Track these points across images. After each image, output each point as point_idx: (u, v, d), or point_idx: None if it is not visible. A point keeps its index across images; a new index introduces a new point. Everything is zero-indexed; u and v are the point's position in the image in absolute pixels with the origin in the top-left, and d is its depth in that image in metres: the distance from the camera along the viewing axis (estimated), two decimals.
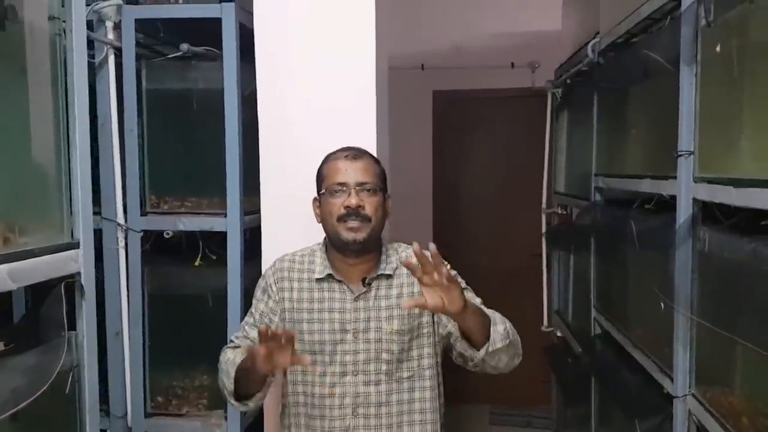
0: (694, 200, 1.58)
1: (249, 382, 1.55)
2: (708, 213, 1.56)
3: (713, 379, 1.57)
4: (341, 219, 1.61)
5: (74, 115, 1.58)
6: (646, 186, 1.87)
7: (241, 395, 1.60)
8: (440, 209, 4.51)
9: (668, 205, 1.74)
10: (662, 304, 1.73)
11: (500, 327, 1.54)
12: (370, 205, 1.62)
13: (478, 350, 1.53)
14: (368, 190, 1.63)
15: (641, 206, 2.01)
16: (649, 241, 1.84)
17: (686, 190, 1.60)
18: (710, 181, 1.51)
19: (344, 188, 1.62)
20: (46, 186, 1.57)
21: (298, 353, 1.50)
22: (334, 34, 2.00)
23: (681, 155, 1.62)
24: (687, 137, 1.61)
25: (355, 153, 1.67)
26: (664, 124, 1.73)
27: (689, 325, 1.61)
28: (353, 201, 1.60)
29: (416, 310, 1.66)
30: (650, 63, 1.86)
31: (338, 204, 1.62)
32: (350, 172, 1.63)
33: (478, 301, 1.70)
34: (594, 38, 2.40)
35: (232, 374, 1.59)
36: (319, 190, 1.69)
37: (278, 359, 1.44)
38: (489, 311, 1.61)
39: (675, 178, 1.65)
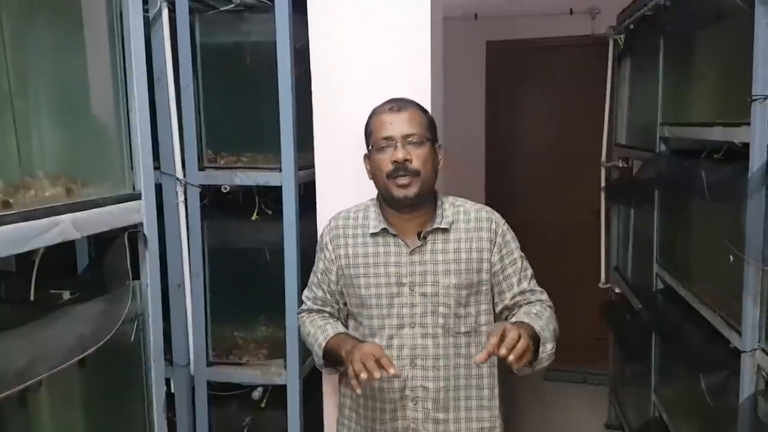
0: None
1: (339, 361, 1.63)
2: None
3: None
4: (390, 176, 1.60)
5: (132, 69, 1.59)
6: (717, 134, 1.79)
7: (330, 364, 1.72)
8: (493, 164, 4.44)
9: (738, 154, 1.65)
10: (731, 257, 1.66)
11: (549, 346, 1.54)
12: (417, 157, 1.60)
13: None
14: (415, 143, 1.60)
15: (709, 156, 1.92)
16: (719, 191, 1.76)
17: (761, 136, 1.52)
18: None
19: (390, 142, 1.60)
20: (106, 139, 1.60)
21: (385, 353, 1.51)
22: None
23: (756, 100, 1.53)
24: (762, 80, 1.52)
25: (400, 104, 1.64)
26: (737, 67, 1.64)
27: (760, 277, 1.55)
28: (400, 155, 1.58)
29: (474, 267, 1.66)
30: (722, 2, 1.76)
31: (386, 159, 1.60)
32: (395, 125, 1.61)
33: (529, 273, 1.71)
34: None
35: (321, 353, 1.69)
36: (367, 146, 1.68)
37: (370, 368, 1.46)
38: (538, 310, 1.62)
39: (748, 124, 1.56)
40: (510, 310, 1.69)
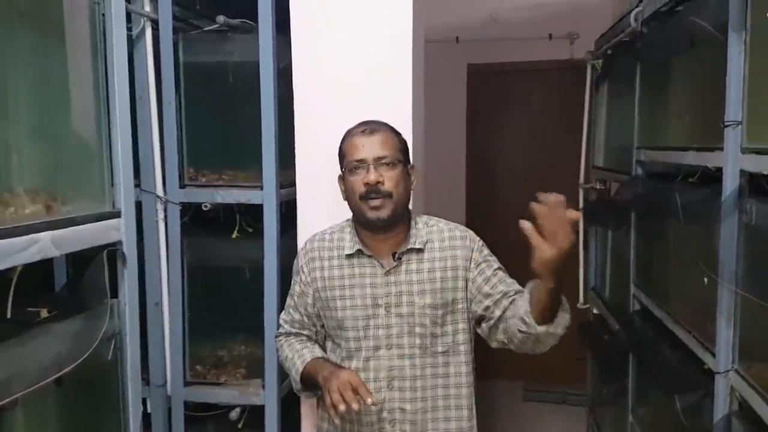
0: (741, 171, 1.54)
1: (317, 386, 1.63)
2: (755, 184, 1.52)
3: (757, 355, 1.54)
4: (363, 197, 1.61)
5: (114, 87, 1.59)
6: (691, 158, 1.82)
7: (308, 389, 1.71)
8: (474, 184, 4.47)
9: (712, 178, 1.69)
10: (706, 279, 1.69)
11: (568, 316, 1.49)
12: (389, 179, 1.61)
13: (539, 325, 1.47)
14: (387, 164, 1.62)
15: (684, 179, 1.96)
16: (693, 214, 1.79)
17: (733, 161, 1.56)
18: (759, 152, 1.46)
19: (362, 164, 1.62)
20: (86, 157, 1.59)
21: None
22: (371, 6, 1.97)
23: (728, 125, 1.57)
24: (735, 107, 1.56)
25: (372, 127, 1.66)
26: (711, 93, 1.68)
27: (733, 299, 1.58)
28: (371, 177, 1.60)
29: (449, 286, 1.66)
30: (697, 30, 1.80)
31: (358, 181, 1.62)
32: (367, 148, 1.62)
33: (509, 281, 1.69)
34: (637, 7, 2.34)
35: (298, 378, 1.69)
36: (341, 168, 1.70)
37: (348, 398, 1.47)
38: None
39: (721, 149, 1.60)
40: (504, 312, 1.60)
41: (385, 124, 1.69)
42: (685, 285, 1.98)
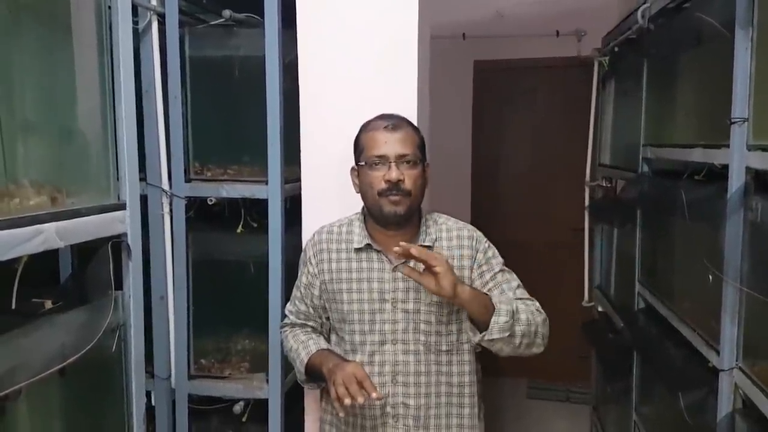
0: (747, 169, 1.52)
1: (322, 378, 1.63)
2: (761, 182, 1.51)
3: (761, 353, 1.53)
4: (382, 194, 1.60)
5: (120, 81, 1.60)
6: (698, 155, 1.81)
7: (312, 380, 1.71)
8: (479, 182, 4.48)
9: (718, 175, 1.68)
10: (710, 276, 1.68)
11: (502, 319, 1.50)
12: (410, 178, 1.60)
13: (479, 333, 1.53)
14: (408, 162, 1.61)
15: (690, 177, 1.95)
16: (699, 211, 1.78)
17: (739, 158, 1.55)
18: (765, 149, 1.45)
19: (384, 161, 1.60)
20: (92, 150, 1.60)
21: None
22: (377, 1, 1.97)
23: (735, 122, 1.56)
24: (741, 104, 1.55)
25: (395, 123, 1.64)
26: (717, 91, 1.67)
27: (738, 297, 1.57)
28: (393, 175, 1.58)
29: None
30: (703, 27, 1.80)
31: (378, 177, 1.60)
32: (390, 144, 1.61)
33: (514, 284, 1.69)
34: (644, 3, 2.32)
35: (303, 369, 1.69)
36: (357, 161, 1.68)
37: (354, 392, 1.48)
38: (514, 303, 1.57)
39: (728, 146, 1.59)
40: None
41: (407, 120, 1.68)
42: (690, 283, 1.97)
